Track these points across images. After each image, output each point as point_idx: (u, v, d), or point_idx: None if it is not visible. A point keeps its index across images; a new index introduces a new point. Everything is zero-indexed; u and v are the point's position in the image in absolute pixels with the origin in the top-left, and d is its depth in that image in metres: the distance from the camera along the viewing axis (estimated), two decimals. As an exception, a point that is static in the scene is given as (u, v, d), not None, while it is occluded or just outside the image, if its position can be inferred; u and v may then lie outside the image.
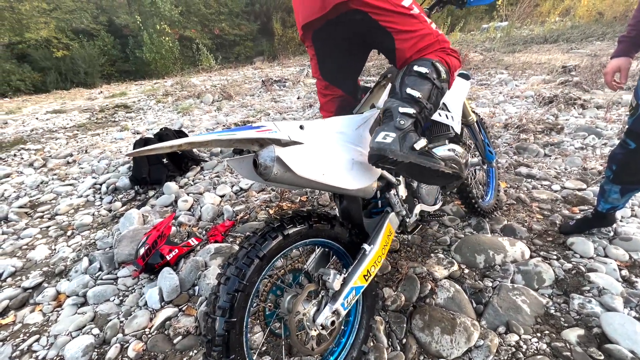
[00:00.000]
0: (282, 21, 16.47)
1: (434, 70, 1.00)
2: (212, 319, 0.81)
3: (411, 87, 0.97)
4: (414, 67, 1.00)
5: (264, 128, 0.79)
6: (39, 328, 1.54)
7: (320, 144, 0.89)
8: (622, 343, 1.13)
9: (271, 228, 0.89)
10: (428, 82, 0.98)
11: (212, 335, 0.80)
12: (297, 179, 0.81)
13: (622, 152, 1.44)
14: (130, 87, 10.66)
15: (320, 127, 0.94)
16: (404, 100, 0.96)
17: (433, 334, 1.23)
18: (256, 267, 0.83)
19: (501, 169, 2.53)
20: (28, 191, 3.13)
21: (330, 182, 0.88)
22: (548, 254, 1.60)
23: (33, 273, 1.94)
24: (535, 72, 5.42)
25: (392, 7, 1.00)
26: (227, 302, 0.80)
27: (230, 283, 0.81)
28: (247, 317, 0.86)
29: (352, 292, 1.00)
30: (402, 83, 1.00)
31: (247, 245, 0.85)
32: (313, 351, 1.01)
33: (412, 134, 0.93)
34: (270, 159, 0.77)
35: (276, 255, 0.89)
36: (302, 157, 0.82)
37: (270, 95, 6.35)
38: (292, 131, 0.84)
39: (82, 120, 6.16)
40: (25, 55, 13.36)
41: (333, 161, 0.91)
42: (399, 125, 0.92)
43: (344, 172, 0.93)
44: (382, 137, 0.91)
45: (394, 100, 0.98)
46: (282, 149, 0.78)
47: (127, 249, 1.91)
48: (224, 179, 2.84)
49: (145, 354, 1.33)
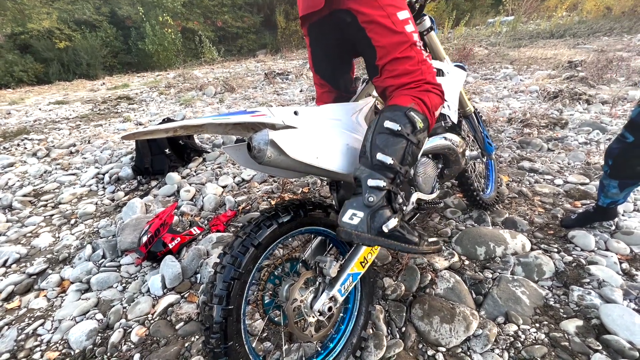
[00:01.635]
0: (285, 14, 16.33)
1: (407, 122, 0.88)
2: (209, 307, 0.81)
3: (382, 150, 0.86)
4: (384, 122, 0.89)
5: (258, 113, 0.79)
6: (44, 313, 1.57)
7: (314, 129, 0.89)
8: (620, 334, 1.13)
9: (266, 217, 0.90)
10: (401, 139, 0.88)
11: (209, 323, 0.81)
12: (291, 162, 0.81)
13: (619, 147, 1.42)
14: (133, 79, 10.65)
15: (315, 113, 0.94)
16: (374, 168, 0.86)
17: (432, 322, 1.24)
18: (251, 255, 0.84)
19: (504, 162, 2.52)
20: (32, 180, 3.15)
21: (324, 166, 0.87)
22: (549, 247, 1.60)
23: (37, 260, 1.97)
24: (541, 67, 5.37)
25: (384, 20, 0.93)
26: (224, 290, 0.81)
27: (226, 271, 0.82)
28: (245, 304, 0.87)
29: (349, 279, 1.01)
30: (373, 144, 0.88)
31: (242, 234, 0.86)
32: (312, 337, 1.02)
33: (382, 211, 0.84)
34: (263, 142, 0.76)
35: (272, 243, 0.90)
36: (296, 140, 0.82)
37: (272, 88, 6.33)
38: (286, 116, 0.84)
39: (84, 111, 6.17)
40: (28, 46, 13.35)
41: (327, 145, 0.90)
42: (367, 203, 0.84)
43: (338, 156, 0.92)
44: (349, 217, 0.84)
45: (364, 169, 0.87)
46: (276, 132, 0.78)
47: (130, 237, 1.93)
48: (226, 169, 2.85)
49: (148, 338, 1.35)
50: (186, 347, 1.28)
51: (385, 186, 0.85)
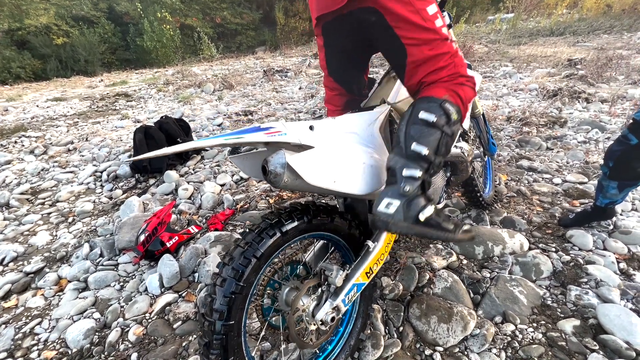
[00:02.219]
0: (284, 10, 16.24)
1: (442, 114, 0.87)
2: (209, 322, 0.77)
3: (417, 140, 0.86)
4: (419, 114, 0.88)
5: (272, 130, 0.75)
6: (41, 312, 1.57)
7: (331, 148, 0.86)
8: (617, 334, 1.13)
9: (268, 224, 0.84)
10: (436, 131, 0.87)
11: (209, 338, 0.78)
12: (308, 186, 0.79)
13: (621, 149, 1.41)
14: (131, 76, 10.59)
15: (331, 128, 0.90)
16: (408, 159, 0.86)
17: (430, 322, 1.24)
18: (254, 267, 0.79)
19: (503, 161, 2.52)
20: (29, 178, 3.13)
21: (341, 190, 0.85)
22: (547, 246, 1.60)
23: (35, 258, 1.96)
24: (540, 65, 5.36)
25: (414, 17, 0.88)
26: (224, 305, 0.76)
27: (227, 285, 0.77)
28: (245, 317, 0.83)
29: (354, 289, 0.97)
30: (407, 135, 0.88)
31: (244, 244, 0.80)
32: (312, 345, 1.01)
33: (417, 200, 0.85)
34: (280, 165, 0.73)
35: (274, 253, 0.85)
36: (313, 163, 0.79)
37: (271, 85, 6.30)
38: (302, 133, 0.79)
39: (82, 108, 6.14)
40: (25, 42, 13.26)
41: (344, 167, 0.87)
42: (403, 192, 0.85)
43: (355, 178, 0.90)
44: (385, 206, 0.85)
45: (398, 159, 0.88)
46: (293, 156, 0.75)
47: (128, 235, 1.92)
48: (225, 168, 2.84)
49: (146, 337, 1.35)
50: (184, 346, 1.28)
51: (420, 176, 0.85)
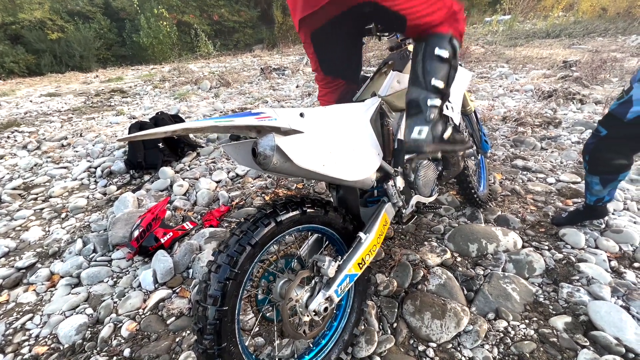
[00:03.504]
0: (282, 8, 16.19)
1: (451, 49, 1.01)
2: (203, 307, 0.79)
3: (434, 76, 1.00)
4: (435, 50, 1.00)
5: (263, 115, 0.76)
6: (33, 307, 1.55)
7: (320, 134, 0.87)
8: (607, 330, 1.15)
9: (263, 214, 0.86)
10: (446, 64, 1.00)
11: (203, 324, 0.79)
12: (297, 169, 0.80)
13: (594, 141, 1.45)
14: (127, 72, 10.50)
15: (321, 116, 0.92)
16: (429, 91, 0.99)
17: (423, 318, 1.25)
18: (248, 255, 0.81)
19: (498, 160, 2.53)
20: (22, 173, 3.10)
21: (330, 173, 0.86)
22: (540, 244, 1.62)
23: (27, 254, 1.94)
24: (536, 67, 5.40)
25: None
26: (219, 290, 0.78)
27: (222, 271, 0.79)
28: (239, 304, 0.84)
29: (346, 280, 0.99)
30: (425, 70, 1.01)
31: (239, 232, 0.83)
32: (305, 336, 1.01)
33: (439, 123, 1.00)
34: (269, 148, 0.74)
35: (269, 242, 0.87)
36: (302, 147, 0.80)
37: (269, 83, 6.28)
38: (292, 119, 0.81)
39: (77, 104, 6.07)
40: (19, 37, 13.08)
41: (333, 152, 0.89)
42: (429, 119, 0.99)
43: (344, 163, 0.91)
44: (417, 133, 0.99)
45: (421, 91, 1.01)
46: (282, 138, 0.76)
47: (122, 231, 1.91)
48: (220, 164, 2.83)
49: (139, 333, 1.34)
50: (177, 342, 1.27)
51: (439, 105, 1.00)
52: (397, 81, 1.22)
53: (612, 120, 1.35)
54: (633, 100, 1.26)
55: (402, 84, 1.23)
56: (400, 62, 1.31)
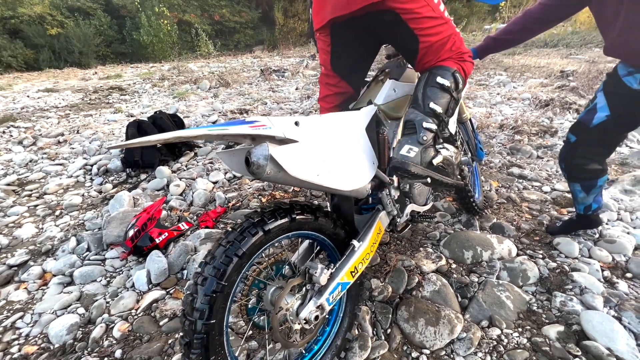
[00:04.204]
0: (283, 10, 16.26)
1: (453, 81, 1.05)
2: (189, 321, 0.77)
3: (434, 100, 1.03)
4: (437, 78, 1.04)
5: (257, 123, 0.75)
6: (23, 306, 1.53)
7: (315, 143, 0.86)
8: (599, 340, 1.16)
9: (251, 223, 0.84)
10: (448, 94, 1.04)
11: (190, 338, 0.77)
12: (291, 179, 0.79)
13: (565, 149, 1.52)
14: (126, 70, 10.47)
15: (316, 125, 0.91)
16: (427, 114, 1.02)
17: (417, 325, 1.25)
18: (235, 266, 0.79)
19: (494, 168, 2.55)
20: (16, 169, 3.07)
21: (324, 183, 0.85)
22: (534, 253, 1.63)
23: (19, 251, 1.92)
24: (534, 75, 5.45)
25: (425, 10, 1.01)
26: (205, 304, 0.76)
27: (208, 284, 0.77)
28: (227, 317, 0.83)
29: (338, 288, 0.98)
30: (425, 95, 1.04)
31: (225, 243, 0.81)
32: (297, 344, 1.01)
33: (431, 148, 1.02)
34: (263, 157, 0.73)
35: (257, 251, 0.85)
36: (296, 156, 0.79)
37: (268, 84, 6.29)
38: (287, 128, 0.80)
39: (74, 100, 6.04)
40: (18, 31, 13.01)
41: (328, 162, 0.88)
42: (421, 141, 1.01)
43: (338, 173, 0.90)
44: (407, 151, 1.01)
45: (418, 113, 1.04)
46: (276, 148, 0.75)
47: (116, 230, 1.90)
48: (218, 165, 2.82)
49: (131, 334, 1.33)
50: (169, 343, 1.26)
51: (435, 129, 1.02)
52: (393, 89, 1.23)
53: (580, 127, 1.45)
54: (597, 108, 1.39)
55: (399, 92, 1.24)
56: (397, 71, 1.32)
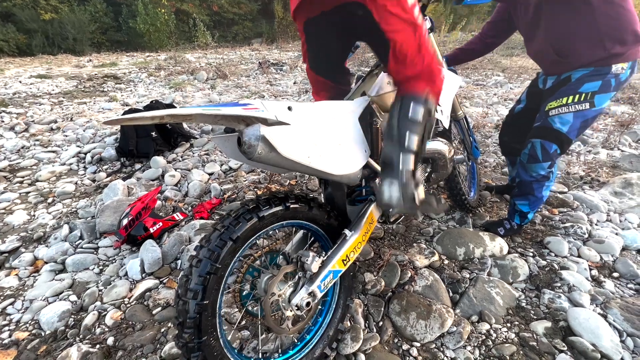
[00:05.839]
0: (283, 3, 16.08)
1: (426, 111, 1.02)
2: (183, 301, 0.79)
3: (409, 135, 1.00)
4: (408, 114, 1.00)
5: (250, 106, 0.76)
6: (14, 292, 1.52)
7: (307, 126, 0.87)
8: (584, 336, 1.19)
9: (246, 210, 0.87)
10: (422, 125, 1.02)
11: (183, 318, 0.79)
12: (282, 160, 0.80)
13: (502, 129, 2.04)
14: (122, 58, 10.30)
15: (309, 110, 0.92)
16: (403, 152, 0.99)
17: (409, 318, 1.27)
18: (229, 250, 0.82)
19: (489, 167, 2.58)
20: (8, 155, 3.02)
21: (315, 166, 0.86)
22: (525, 251, 1.65)
23: (10, 237, 1.90)
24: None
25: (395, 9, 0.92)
26: (199, 284, 0.79)
27: (202, 265, 0.79)
28: (221, 299, 0.85)
29: (330, 275, 1.00)
30: (400, 132, 1.01)
31: (221, 227, 0.83)
32: (289, 331, 1.02)
33: (411, 185, 1.00)
34: (255, 137, 0.74)
35: (251, 237, 0.88)
36: (288, 137, 0.80)
37: (266, 77, 6.25)
38: (280, 111, 0.81)
39: (68, 87, 5.94)
40: (10, 15, 12.70)
41: (319, 145, 0.89)
42: (401, 177, 0.98)
43: (329, 156, 0.91)
44: (388, 193, 0.99)
45: (394, 149, 1.00)
46: (268, 128, 0.76)
47: (110, 219, 1.88)
48: (214, 157, 2.80)
49: (123, 322, 1.32)
50: (162, 332, 1.27)
51: (413, 167, 1.01)
52: (387, 82, 1.23)
53: (509, 113, 1.95)
54: (521, 100, 1.88)
55: (392, 85, 1.25)
56: None
